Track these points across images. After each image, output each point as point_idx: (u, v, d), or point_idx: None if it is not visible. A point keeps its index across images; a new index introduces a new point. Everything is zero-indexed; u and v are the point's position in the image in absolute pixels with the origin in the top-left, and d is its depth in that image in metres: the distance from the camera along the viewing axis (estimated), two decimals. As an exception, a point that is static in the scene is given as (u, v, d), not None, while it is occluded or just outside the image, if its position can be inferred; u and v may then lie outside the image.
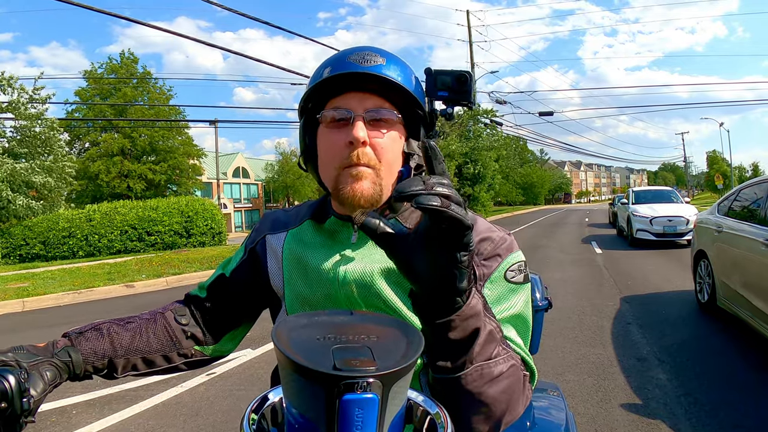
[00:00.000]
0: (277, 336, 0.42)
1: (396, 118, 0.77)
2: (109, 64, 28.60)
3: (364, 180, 0.75)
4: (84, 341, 0.78)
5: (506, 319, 0.75)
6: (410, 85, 0.78)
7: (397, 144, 0.78)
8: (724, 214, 4.80)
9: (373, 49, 0.78)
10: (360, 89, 0.76)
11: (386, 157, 0.76)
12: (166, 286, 8.99)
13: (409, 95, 0.77)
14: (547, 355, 3.86)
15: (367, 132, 0.75)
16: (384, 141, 0.76)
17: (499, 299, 0.75)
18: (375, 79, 0.75)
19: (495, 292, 0.75)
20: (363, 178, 0.75)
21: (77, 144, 29.36)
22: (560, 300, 5.71)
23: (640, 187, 14.12)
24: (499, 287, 0.76)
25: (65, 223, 15.49)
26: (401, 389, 0.42)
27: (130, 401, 3.40)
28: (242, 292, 0.92)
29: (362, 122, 0.74)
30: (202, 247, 15.72)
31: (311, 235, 0.87)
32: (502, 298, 0.75)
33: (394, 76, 0.75)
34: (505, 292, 0.76)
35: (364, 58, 0.76)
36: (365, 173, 0.75)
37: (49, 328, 6.03)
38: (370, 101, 0.76)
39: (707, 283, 4.99)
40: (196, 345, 0.90)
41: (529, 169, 63.81)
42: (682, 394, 3.07)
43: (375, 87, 0.76)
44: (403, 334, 0.45)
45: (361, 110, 0.75)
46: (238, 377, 3.81)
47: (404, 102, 0.78)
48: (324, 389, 0.38)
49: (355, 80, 0.75)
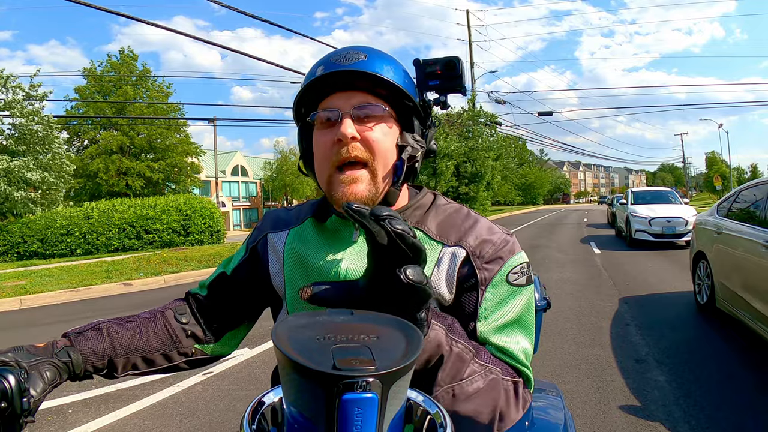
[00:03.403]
0: (277, 336, 0.42)
1: (384, 112, 0.77)
2: (109, 61, 28.56)
3: (358, 183, 0.75)
4: (83, 341, 0.78)
5: (508, 324, 0.76)
6: (396, 77, 0.77)
7: (389, 137, 0.78)
8: (724, 216, 4.80)
9: (357, 47, 0.79)
10: (346, 88, 0.77)
11: (379, 149, 0.76)
12: (164, 284, 8.98)
13: (395, 88, 0.77)
14: (545, 355, 3.86)
15: (357, 128, 0.75)
16: (374, 134, 0.76)
17: (501, 303, 0.75)
18: (359, 75, 0.75)
19: (497, 296, 0.76)
20: (356, 182, 0.75)
21: (76, 142, 29.31)
22: (559, 300, 5.72)
23: (639, 188, 14.12)
24: (501, 291, 0.76)
25: (63, 221, 15.47)
26: (401, 389, 0.42)
27: (127, 401, 3.40)
28: (243, 291, 0.92)
29: (350, 119, 0.75)
30: (200, 245, 15.71)
31: (313, 234, 0.87)
32: (504, 301, 0.76)
33: (377, 70, 0.75)
34: (507, 295, 0.76)
35: (346, 57, 0.76)
36: (359, 177, 0.75)
37: (46, 326, 6.02)
38: (356, 98, 0.76)
39: (706, 284, 4.99)
40: (196, 344, 0.90)
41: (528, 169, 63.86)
42: (681, 395, 3.07)
43: (360, 84, 0.76)
44: (402, 334, 0.45)
45: (348, 108, 0.76)
46: (235, 377, 3.81)
47: (392, 95, 0.78)
48: (324, 389, 0.38)
49: (341, 79, 0.76)
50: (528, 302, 0.78)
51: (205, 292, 0.93)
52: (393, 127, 0.79)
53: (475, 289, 0.76)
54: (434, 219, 0.82)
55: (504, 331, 0.75)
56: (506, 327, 0.76)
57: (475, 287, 0.76)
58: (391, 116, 0.79)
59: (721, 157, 47.65)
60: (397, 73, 0.78)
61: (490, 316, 0.75)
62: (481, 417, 0.67)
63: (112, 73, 28.23)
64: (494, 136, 29.98)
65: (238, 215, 43.81)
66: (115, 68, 28.44)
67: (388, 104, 0.78)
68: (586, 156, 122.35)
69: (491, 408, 0.67)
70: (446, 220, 0.82)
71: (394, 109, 0.79)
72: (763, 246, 3.64)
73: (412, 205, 0.84)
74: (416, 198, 0.86)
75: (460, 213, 0.83)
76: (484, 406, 0.67)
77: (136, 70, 29.03)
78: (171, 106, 30.28)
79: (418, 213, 0.84)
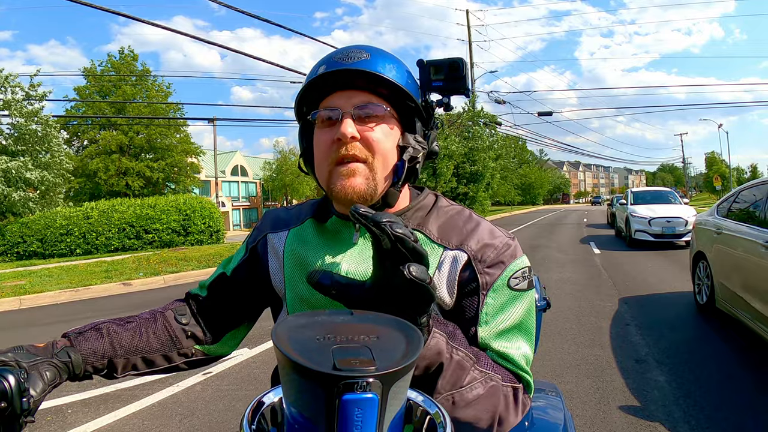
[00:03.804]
0: (277, 336, 0.42)
1: (385, 112, 0.77)
2: (110, 61, 28.55)
3: (356, 176, 0.75)
4: (83, 341, 0.78)
5: (509, 329, 0.76)
6: (398, 77, 0.77)
7: (390, 137, 0.78)
8: (724, 216, 4.81)
9: (359, 46, 0.78)
10: (348, 87, 0.76)
11: (379, 149, 0.76)
12: (164, 284, 8.98)
13: (397, 88, 0.76)
14: (545, 356, 3.86)
15: (358, 128, 0.75)
16: (375, 134, 0.76)
17: (502, 308, 0.75)
18: (360, 75, 0.75)
19: (498, 300, 0.75)
20: (354, 174, 0.75)
21: (76, 141, 29.31)
22: (558, 300, 5.72)
23: (639, 188, 14.13)
24: (502, 296, 0.76)
25: (63, 221, 15.47)
26: (401, 389, 0.42)
27: (126, 401, 3.40)
28: (243, 291, 0.92)
29: (350, 119, 0.74)
30: (199, 245, 15.70)
31: (313, 234, 0.87)
32: (504, 306, 0.75)
33: (379, 70, 0.75)
34: (508, 300, 0.76)
35: (348, 56, 0.76)
36: (357, 169, 0.75)
37: (46, 326, 6.02)
38: (357, 98, 0.76)
39: (706, 284, 5.00)
40: (196, 344, 0.90)
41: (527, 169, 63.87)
42: (681, 396, 3.08)
43: (362, 83, 0.76)
44: (402, 334, 0.45)
45: (349, 107, 0.75)
46: (234, 377, 3.81)
47: (394, 95, 0.78)
48: (324, 389, 0.38)
49: (342, 78, 0.76)
50: (529, 307, 0.78)
51: (205, 292, 0.93)
52: (394, 127, 0.79)
53: (476, 294, 0.76)
54: (435, 221, 0.82)
55: (505, 337, 0.75)
56: (507, 332, 0.75)
57: (476, 291, 0.76)
58: (392, 116, 0.79)
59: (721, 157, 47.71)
60: (400, 73, 0.78)
61: (491, 321, 0.75)
62: (480, 423, 0.68)
63: (112, 72, 28.24)
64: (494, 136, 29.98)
65: (238, 215, 43.81)
66: (115, 68, 28.44)
67: (389, 104, 0.78)
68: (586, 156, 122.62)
69: (491, 414, 0.68)
70: (448, 222, 0.82)
71: (396, 110, 0.79)
72: (762, 246, 3.65)
73: (413, 206, 0.84)
74: (417, 199, 0.86)
75: (461, 215, 0.83)
76: (484, 413, 0.67)
77: (136, 69, 29.03)
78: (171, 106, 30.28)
79: (419, 215, 0.83)
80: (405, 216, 0.82)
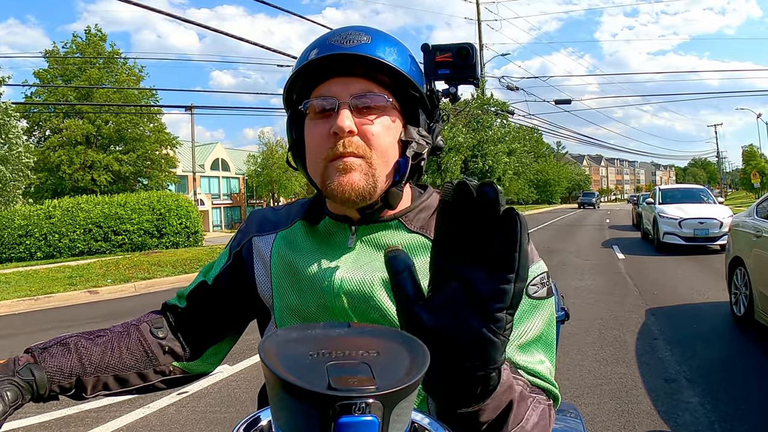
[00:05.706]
0: (265, 351, 0.42)
1: (387, 103, 0.76)
2: (74, 42, 28.52)
3: (354, 172, 0.74)
4: (49, 358, 0.78)
5: (530, 341, 0.75)
6: (401, 64, 0.76)
7: (391, 131, 0.77)
8: (764, 217, 4.81)
9: (358, 27, 0.78)
10: (345, 73, 0.76)
11: (378, 145, 0.76)
12: (135, 292, 8.97)
13: (401, 75, 0.76)
14: (563, 373, 3.87)
15: (356, 120, 0.74)
16: (374, 128, 0.76)
17: (521, 318, 0.75)
18: (359, 60, 0.74)
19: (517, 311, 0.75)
20: (352, 169, 0.74)
21: (37, 131, 29.27)
22: (578, 311, 5.73)
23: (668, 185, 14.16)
24: (521, 305, 0.75)
25: (22, 221, 15.43)
26: (404, 411, 0.42)
27: (90, 424, 3.38)
28: (227, 301, 0.92)
29: (348, 110, 0.74)
30: (175, 248, 15.68)
31: (303, 237, 0.86)
32: (524, 317, 0.75)
33: (380, 55, 0.74)
34: (527, 309, 0.75)
35: (346, 38, 0.75)
36: (354, 164, 0.74)
37: (1, 339, 6.00)
38: (356, 86, 0.75)
39: (744, 294, 5.01)
40: (174, 361, 0.90)
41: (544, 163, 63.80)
42: (716, 420, 3.08)
43: (361, 70, 0.75)
44: (406, 349, 0.45)
45: (346, 97, 0.75)
46: (213, 397, 3.80)
47: (397, 84, 0.77)
48: (318, 411, 0.38)
49: (339, 63, 0.75)
50: (550, 317, 0.77)
51: (184, 303, 0.93)
52: (396, 120, 0.79)
53: None
54: None
55: (527, 351, 0.75)
56: (529, 345, 0.75)
57: None
58: (394, 107, 0.78)
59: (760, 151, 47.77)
60: (403, 59, 0.77)
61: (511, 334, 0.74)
62: None
63: (78, 54, 28.20)
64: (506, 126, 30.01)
65: (219, 215, 43.80)
66: (81, 49, 28.42)
67: (391, 94, 0.77)
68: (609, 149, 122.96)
69: None
70: None
71: (398, 100, 0.78)
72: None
73: (415, 206, 0.84)
74: (420, 199, 0.85)
75: None
76: None
77: (104, 51, 29.01)
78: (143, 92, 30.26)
79: (422, 216, 0.83)
80: (407, 217, 0.82)
